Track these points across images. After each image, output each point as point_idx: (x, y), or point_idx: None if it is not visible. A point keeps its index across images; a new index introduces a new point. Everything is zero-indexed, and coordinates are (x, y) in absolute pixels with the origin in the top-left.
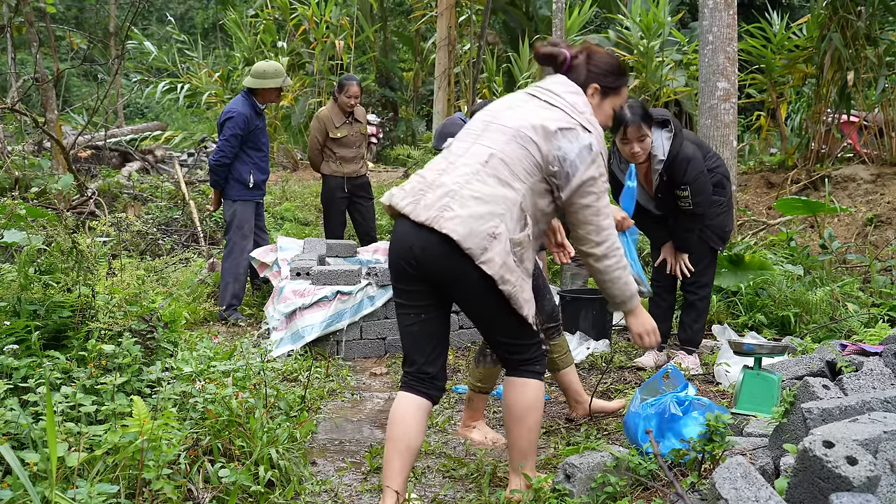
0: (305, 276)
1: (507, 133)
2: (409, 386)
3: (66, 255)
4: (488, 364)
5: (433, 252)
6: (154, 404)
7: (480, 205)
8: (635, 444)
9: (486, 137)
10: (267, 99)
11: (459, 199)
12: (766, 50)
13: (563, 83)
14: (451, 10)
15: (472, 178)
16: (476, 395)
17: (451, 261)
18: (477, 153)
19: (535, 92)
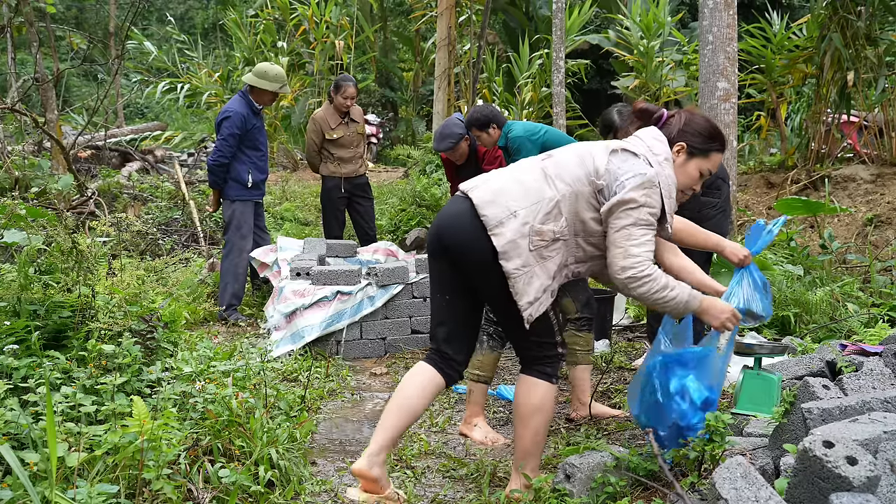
0: (305, 276)
1: (574, 147)
2: (431, 359)
3: (66, 255)
4: (485, 351)
5: (452, 219)
6: (154, 404)
7: (515, 185)
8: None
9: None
10: (262, 100)
11: (500, 178)
12: (766, 50)
13: (650, 131)
14: (451, 10)
15: (523, 168)
16: (475, 386)
17: (465, 227)
18: (541, 156)
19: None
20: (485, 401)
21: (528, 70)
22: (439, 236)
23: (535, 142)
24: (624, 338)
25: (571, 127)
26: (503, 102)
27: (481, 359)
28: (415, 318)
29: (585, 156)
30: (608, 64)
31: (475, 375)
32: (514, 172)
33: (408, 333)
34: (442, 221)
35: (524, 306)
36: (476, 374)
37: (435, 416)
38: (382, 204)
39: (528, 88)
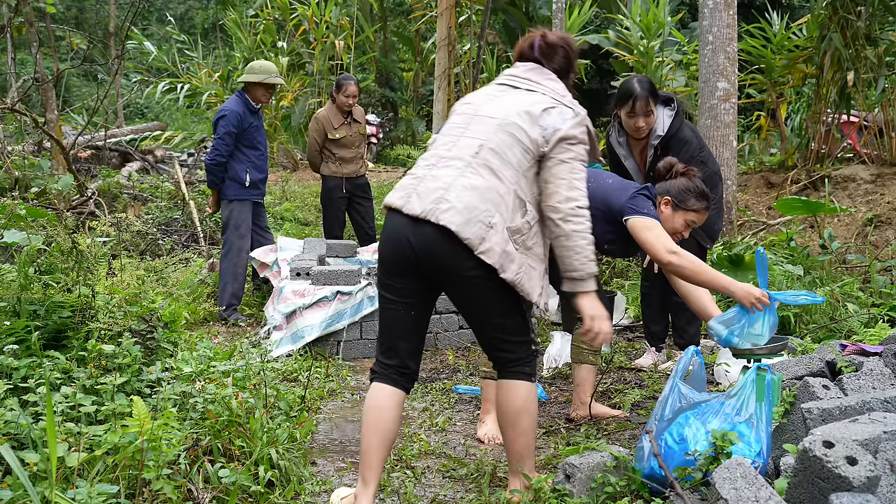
0: (305, 276)
1: (493, 123)
2: (390, 378)
3: (66, 255)
4: None
5: (430, 244)
6: (154, 404)
7: (475, 196)
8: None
9: (473, 129)
10: (257, 97)
11: (454, 191)
12: (766, 50)
13: (539, 71)
14: (451, 10)
15: (464, 170)
16: (485, 383)
17: (448, 252)
18: (466, 145)
19: (513, 82)
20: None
21: None
22: (416, 258)
23: None
24: (624, 338)
25: None
26: None
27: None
28: None
29: (517, 132)
30: (608, 64)
31: (485, 373)
32: (461, 180)
33: None
34: (412, 245)
35: (538, 301)
36: (485, 371)
37: (435, 416)
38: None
39: None
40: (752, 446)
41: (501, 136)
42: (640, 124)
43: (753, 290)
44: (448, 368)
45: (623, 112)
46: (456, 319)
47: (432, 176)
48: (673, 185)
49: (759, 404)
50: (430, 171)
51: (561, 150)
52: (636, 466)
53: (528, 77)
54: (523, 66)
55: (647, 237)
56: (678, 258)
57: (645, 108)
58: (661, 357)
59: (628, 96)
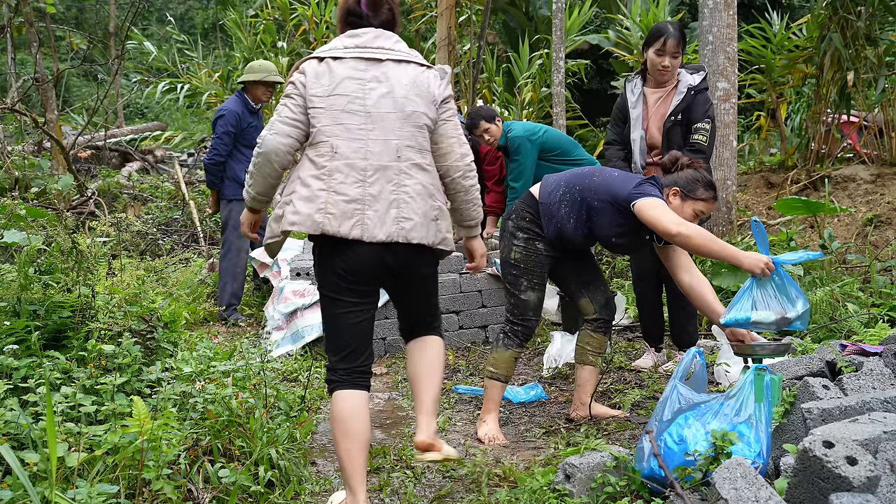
0: (305, 276)
1: (394, 118)
2: (354, 382)
3: (66, 256)
4: (499, 349)
5: (407, 261)
6: (154, 404)
7: (421, 200)
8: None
9: (378, 130)
10: (257, 97)
11: (405, 206)
12: (766, 50)
13: (385, 36)
14: (451, 10)
15: (400, 179)
16: (490, 383)
17: (420, 260)
18: (384, 151)
19: (372, 55)
20: (500, 399)
21: (528, 70)
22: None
23: (535, 141)
24: (624, 338)
25: (571, 127)
26: (503, 102)
27: (496, 357)
28: None
29: (419, 118)
30: (608, 64)
31: (490, 373)
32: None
33: None
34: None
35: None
36: (491, 371)
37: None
38: None
39: (528, 88)
40: (751, 446)
41: (409, 128)
42: (667, 63)
43: (761, 256)
44: (448, 368)
45: (652, 50)
46: (456, 319)
47: (372, 196)
48: (680, 177)
49: (759, 405)
50: (367, 191)
51: (444, 111)
52: (636, 467)
53: (383, 45)
54: (372, 33)
55: (653, 214)
56: (686, 228)
57: (674, 47)
58: (661, 357)
59: (660, 34)
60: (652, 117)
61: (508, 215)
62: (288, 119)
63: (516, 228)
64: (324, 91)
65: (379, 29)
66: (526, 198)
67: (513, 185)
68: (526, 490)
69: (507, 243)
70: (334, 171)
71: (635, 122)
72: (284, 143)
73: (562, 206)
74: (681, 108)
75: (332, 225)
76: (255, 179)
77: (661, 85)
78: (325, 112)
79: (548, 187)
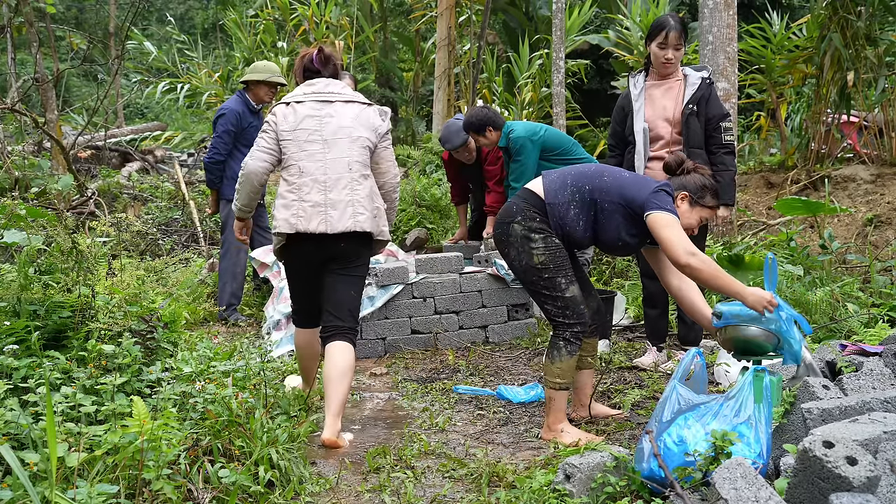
0: None
1: (346, 142)
2: (310, 323)
3: (66, 256)
4: (564, 357)
5: (354, 244)
6: (154, 404)
7: (367, 201)
8: None
9: (335, 151)
10: (259, 97)
11: (358, 205)
12: (766, 50)
13: (334, 83)
14: (451, 10)
15: (352, 185)
16: (557, 394)
17: (363, 245)
18: (339, 167)
19: (325, 98)
20: (566, 406)
21: (528, 70)
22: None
23: (536, 142)
24: (624, 338)
25: (571, 127)
26: (503, 102)
27: (562, 366)
28: (415, 318)
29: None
30: (608, 64)
31: (557, 384)
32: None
33: (408, 333)
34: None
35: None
36: (558, 382)
37: (435, 416)
38: None
39: (528, 88)
40: (752, 447)
41: (357, 149)
42: (670, 55)
43: (764, 294)
44: (448, 368)
45: (654, 44)
46: (456, 319)
47: (331, 201)
48: (689, 181)
49: (758, 405)
50: (328, 196)
51: (384, 140)
52: (636, 467)
53: (333, 90)
54: (323, 82)
55: (668, 235)
56: (697, 261)
57: (676, 39)
58: (661, 357)
59: (662, 27)
60: (656, 109)
61: (511, 218)
62: (264, 148)
63: (528, 230)
64: (290, 127)
65: (329, 78)
66: (528, 197)
67: (514, 185)
68: (526, 490)
69: (524, 249)
70: (302, 185)
71: (638, 113)
72: (261, 166)
73: (571, 207)
74: (697, 98)
75: (303, 224)
76: (240, 194)
77: (664, 78)
78: (292, 142)
79: (552, 185)
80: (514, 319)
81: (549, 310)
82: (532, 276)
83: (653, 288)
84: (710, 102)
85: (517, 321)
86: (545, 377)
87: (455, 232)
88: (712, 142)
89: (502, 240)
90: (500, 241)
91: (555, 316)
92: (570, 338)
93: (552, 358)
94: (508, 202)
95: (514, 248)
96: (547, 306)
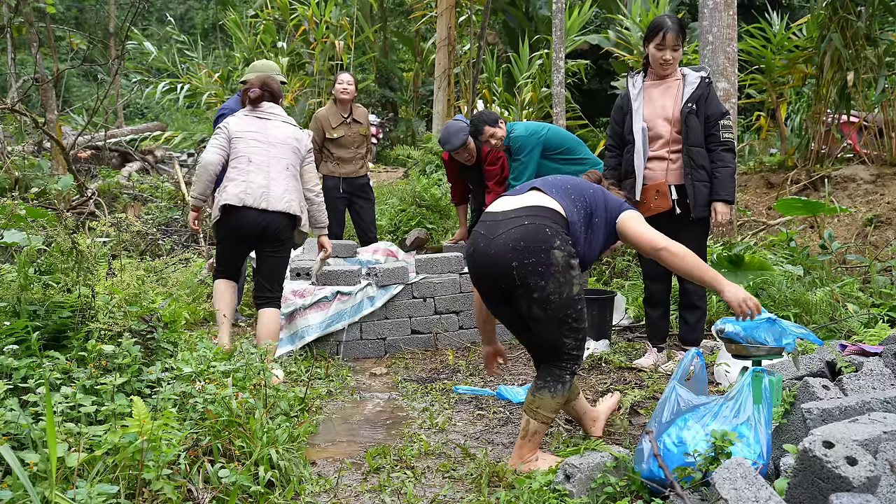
0: (305, 276)
1: (283, 147)
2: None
3: (66, 256)
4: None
5: (281, 223)
6: (154, 405)
7: (295, 192)
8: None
9: (276, 152)
10: None
11: (292, 193)
12: (766, 50)
13: (273, 107)
14: (451, 10)
15: (286, 180)
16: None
17: (289, 225)
18: (279, 165)
19: (266, 116)
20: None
21: (528, 70)
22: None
23: (538, 141)
24: (624, 338)
25: (571, 127)
26: (503, 102)
27: (560, 400)
28: (415, 319)
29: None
30: (608, 64)
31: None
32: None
33: (408, 334)
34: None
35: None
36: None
37: (435, 416)
38: (382, 204)
39: (528, 88)
40: (752, 447)
41: (291, 155)
42: (668, 57)
43: (744, 293)
44: (448, 368)
45: (652, 45)
46: (456, 319)
47: (272, 187)
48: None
49: (757, 406)
50: (269, 184)
51: (308, 155)
52: (636, 468)
53: (272, 112)
54: (266, 106)
55: (643, 229)
56: (673, 246)
57: (674, 40)
58: (661, 357)
59: (659, 29)
60: (655, 108)
61: (548, 244)
62: (218, 145)
63: (569, 256)
64: (239, 130)
65: (269, 102)
66: (556, 217)
67: (515, 184)
68: (526, 490)
69: (566, 279)
70: (250, 171)
71: (636, 113)
72: (216, 159)
73: (581, 225)
74: (696, 97)
75: (249, 200)
76: (196, 184)
77: (662, 79)
78: (241, 141)
79: (564, 201)
80: None
81: (569, 343)
82: (568, 309)
83: (654, 289)
84: (709, 101)
85: None
86: (538, 410)
87: (455, 232)
88: (711, 139)
89: (538, 270)
90: (535, 271)
91: (571, 349)
92: (576, 371)
93: (554, 392)
94: (536, 225)
95: (554, 279)
96: (568, 339)
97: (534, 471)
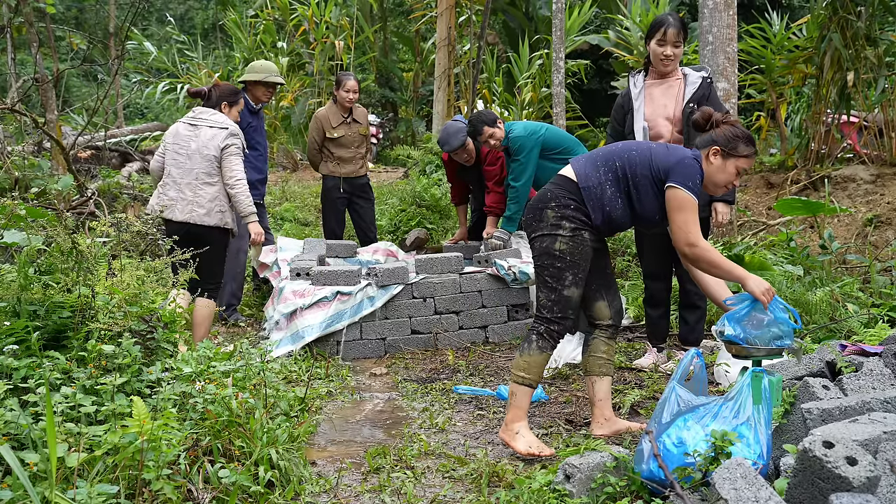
0: (305, 276)
1: (202, 156)
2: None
3: (66, 256)
4: (533, 351)
5: (199, 232)
6: (154, 405)
7: (208, 201)
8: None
9: (190, 164)
10: (257, 97)
11: (197, 203)
12: (766, 50)
13: (207, 111)
14: (451, 10)
15: (196, 189)
16: (518, 388)
17: (210, 234)
18: (190, 177)
19: (195, 122)
20: (528, 406)
21: (528, 70)
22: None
23: (536, 141)
24: (624, 338)
25: (571, 127)
26: (503, 102)
27: (528, 360)
28: (415, 319)
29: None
30: (608, 64)
31: (520, 378)
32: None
33: (408, 334)
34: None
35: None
36: (521, 375)
37: (435, 416)
38: (382, 204)
39: (528, 89)
40: (752, 448)
41: (205, 163)
42: (669, 52)
43: (766, 283)
44: (448, 368)
45: (654, 41)
46: (456, 319)
47: (193, 198)
48: (719, 134)
49: (757, 406)
50: (191, 196)
51: (226, 152)
52: (636, 468)
53: (202, 117)
54: (200, 109)
55: (678, 218)
56: (700, 250)
57: (675, 36)
58: (661, 357)
59: (660, 24)
60: (656, 107)
61: (544, 204)
62: (160, 153)
63: (561, 217)
64: (170, 142)
65: (202, 107)
66: (564, 183)
67: (514, 184)
68: (526, 490)
69: (550, 233)
70: (168, 184)
71: (637, 112)
72: (156, 167)
73: (607, 187)
74: (698, 97)
75: (167, 212)
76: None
77: (664, 77)
78: (169, 153)
79: (585, 169)
80: (514, 319)
81: (541, 298)
82: (545, 260)
83: (654, 288)
84: (710, 101)
85: (517, 321)
86: (511, 369)
87: (455, 232)
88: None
89: (532, 224)
90: (530, 224)
91: (542, 306)
92: (545, 333)
93: (521, 350)
94: (543, 189)
95: (541, 230)
96: (541, 293)
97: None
